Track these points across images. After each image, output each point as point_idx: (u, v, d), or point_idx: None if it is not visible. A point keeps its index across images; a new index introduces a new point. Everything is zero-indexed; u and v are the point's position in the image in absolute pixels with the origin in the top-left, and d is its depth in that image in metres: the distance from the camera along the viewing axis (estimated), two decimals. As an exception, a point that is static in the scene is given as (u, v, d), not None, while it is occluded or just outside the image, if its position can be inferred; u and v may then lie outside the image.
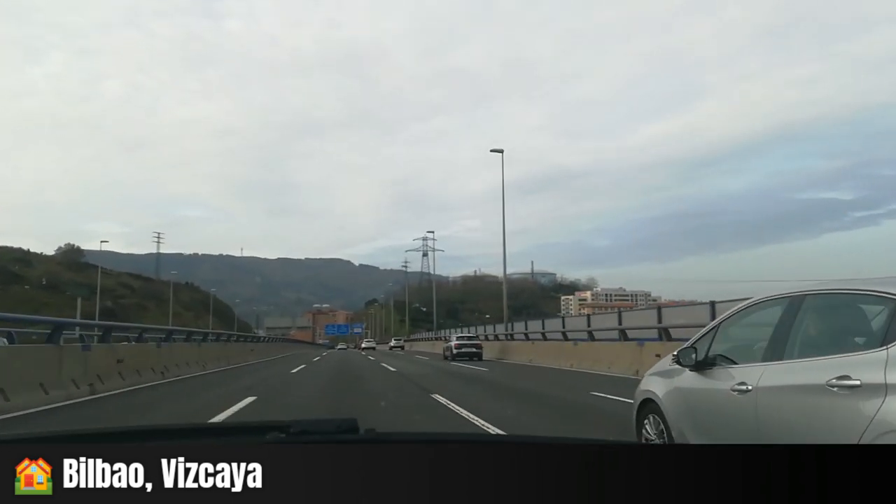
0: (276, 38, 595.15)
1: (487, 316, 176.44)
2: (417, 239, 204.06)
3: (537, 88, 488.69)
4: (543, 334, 24.79)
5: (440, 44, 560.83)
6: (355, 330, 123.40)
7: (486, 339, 32.49)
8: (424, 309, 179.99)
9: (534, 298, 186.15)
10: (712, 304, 14.39)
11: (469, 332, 35.86)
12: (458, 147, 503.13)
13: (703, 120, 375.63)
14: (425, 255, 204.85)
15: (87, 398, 9.86)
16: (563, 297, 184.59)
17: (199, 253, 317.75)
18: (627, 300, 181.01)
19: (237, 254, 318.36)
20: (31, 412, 8.09)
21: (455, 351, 27.11)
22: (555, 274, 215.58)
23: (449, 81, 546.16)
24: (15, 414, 7.85)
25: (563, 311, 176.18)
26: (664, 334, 14.08)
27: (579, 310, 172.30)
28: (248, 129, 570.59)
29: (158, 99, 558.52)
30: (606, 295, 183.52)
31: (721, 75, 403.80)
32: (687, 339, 4.40)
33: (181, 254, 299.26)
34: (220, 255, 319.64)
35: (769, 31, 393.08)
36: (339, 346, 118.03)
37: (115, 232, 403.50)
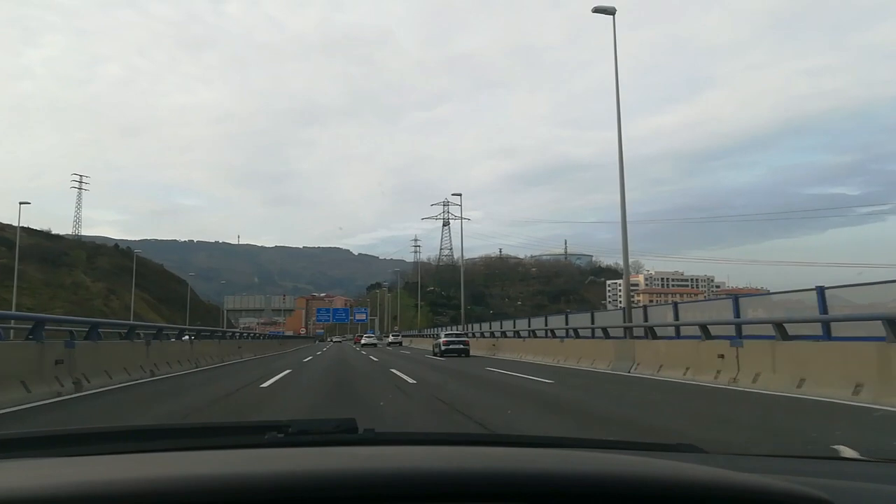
0: (278, 21, 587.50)
1: (519, 302, 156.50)
2: (436, 204, 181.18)
3: (543, 77, 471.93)
4: (605, 330, 19.17)
5: (445, 29, 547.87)
6: (357, 316, 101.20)
7: (518, 335, 29.18)
8: (445, 293, 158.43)
9: (572, 283, 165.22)
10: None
11: (494, 326, 37.13)
12: (460, 136, 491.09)
13: (711, 111, 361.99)
14: (446, 224, 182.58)
15: None
16: (609, 283, 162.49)
17: (195, 240, 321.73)
18: (687, 285, 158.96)
19: (234, 241, 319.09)
20: None
21: (444, 347, 28.65)
22: (591, 256, 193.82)
23: (453, 68, 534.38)
24: None
25: (609, 299, 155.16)
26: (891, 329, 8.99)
27: (630, 297, 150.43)
28: (248, 116, 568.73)
29: (157, 83, 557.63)
30: (662, 279, 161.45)
31: (729, 65, 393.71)
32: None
33: (176, 240, 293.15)
34: (216, 243, 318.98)
35: (779, 21, 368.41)
36: (333, 339, 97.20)
37: (112, 219, 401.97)
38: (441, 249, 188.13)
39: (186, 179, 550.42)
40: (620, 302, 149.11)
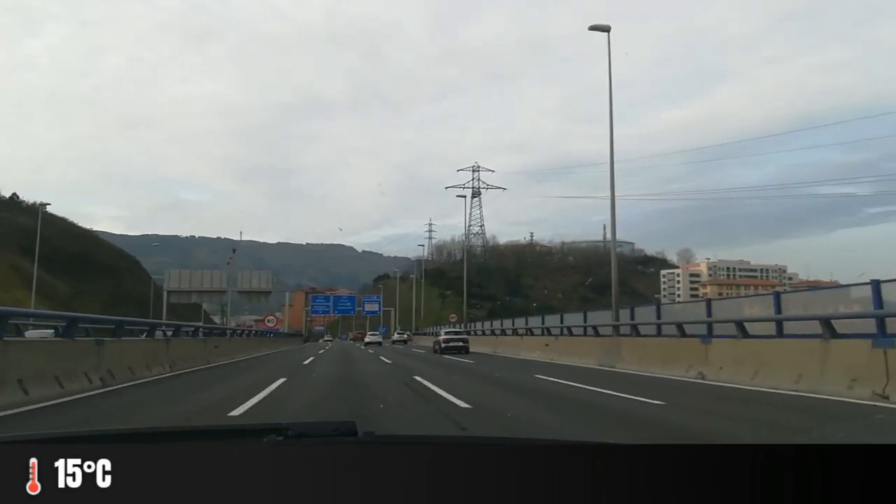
0: (282, 11, 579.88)
1: (560, 295, 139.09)
2: (463, 169, 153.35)
3: (552, 70, 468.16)
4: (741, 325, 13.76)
5: (453, 20, 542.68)
6: (368, 307, 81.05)
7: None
8: (476, 282, 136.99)
9: (619, 273, 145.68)
10: None
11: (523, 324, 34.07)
12: (468, 131, 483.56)
13: (722, 107, 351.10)
14: (476, 195, 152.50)
15: None
16: (663, 273, 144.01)
17: (197, 235, 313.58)
18: (755, 276, 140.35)
19: (236, 237, 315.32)
20: None
21: (443, 345, 29.97)
22: (633, 243, 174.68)
23: (460, 61, 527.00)
24: None
25: (664, 292, 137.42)
26: None
27: (691, 289, 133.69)
28: (252, 109, 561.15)
29: (159, 75, 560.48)
30: (728, 269, 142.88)
31: (742, 60, 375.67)
32: None
33: (177, 236, 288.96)
34: (219, 239, 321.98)
35: (794, 14, 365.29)
36: (325, 339, 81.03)
37: (114, 215, 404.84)
38: (469, 227, 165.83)
39: (189, 174, 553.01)
40: (679, 294, 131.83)
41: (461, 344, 29.91)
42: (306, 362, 20.60)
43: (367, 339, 58.47)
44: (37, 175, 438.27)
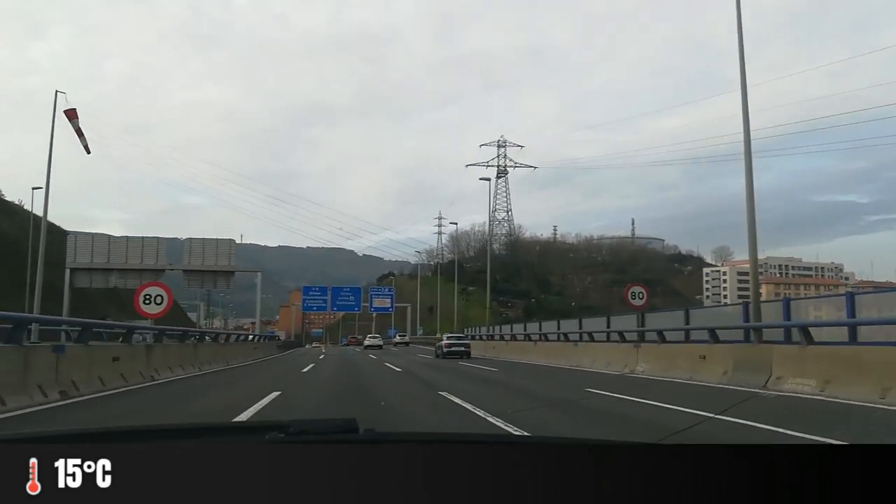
0: (286, 18, 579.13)
1: (596, 294, 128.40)
2: (487, 144, 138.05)
3: (552, 78, 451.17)
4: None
5: (454, 29, 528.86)
6: (377, 303, 65.57)
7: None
8: (502, 277, 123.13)
9: (655, 272, 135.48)
10: None
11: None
12: (469, 137, 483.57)
13: (722, 115, 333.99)
14: (502, 174, 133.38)
15: None
16: (706, 271, 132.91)
17: (195, 238, 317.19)
18: (810, 275, 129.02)
19: (236, 240, 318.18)
20: None
21: (445, 350, 31.50)
22: (663, 240, 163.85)
23: (461, 69, 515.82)
24: None
25: (707, 291, 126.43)
26: None
27: (739, 289, 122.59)
28: (254, 115, 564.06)
29: (163, 81, 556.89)
30: (779, 267, 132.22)
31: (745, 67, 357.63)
32: None
33: (177, 238, 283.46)
34: (218, 241, 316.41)
35: (796, 21, 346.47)
36: (314, 346, 71.27)
37: (117, 218, 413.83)
38: (494, 212, 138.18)
39: (191, 178, 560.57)
40: (726, 294, 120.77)
41: (462, 349, 31.28)
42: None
43: (366, 343, 56.60)
44: (41, 176, 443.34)
